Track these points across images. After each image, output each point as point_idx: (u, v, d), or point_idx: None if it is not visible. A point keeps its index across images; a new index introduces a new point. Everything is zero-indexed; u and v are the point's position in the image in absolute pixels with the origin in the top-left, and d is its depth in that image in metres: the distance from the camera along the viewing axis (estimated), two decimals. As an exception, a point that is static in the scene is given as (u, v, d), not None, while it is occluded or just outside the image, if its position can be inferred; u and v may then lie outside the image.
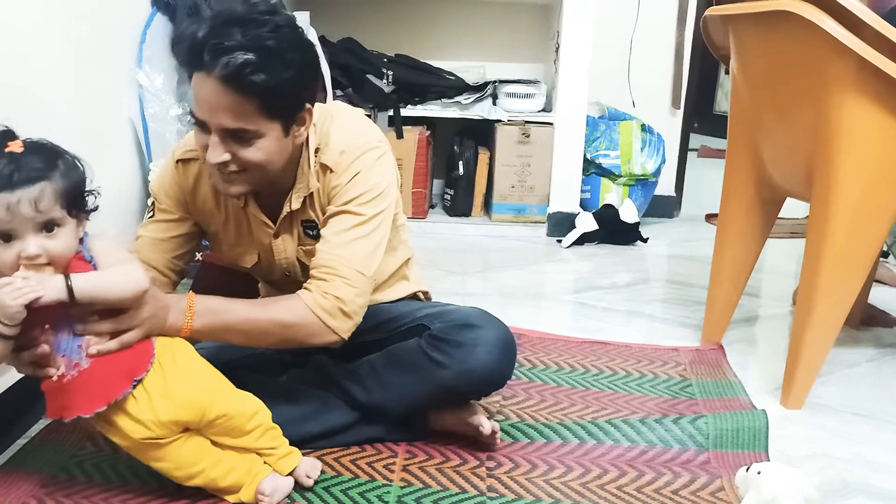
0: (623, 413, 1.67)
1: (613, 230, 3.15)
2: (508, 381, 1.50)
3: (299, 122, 1.30)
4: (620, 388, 1.82)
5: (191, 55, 1.22)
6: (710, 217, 3.58)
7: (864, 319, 2.29)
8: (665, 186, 3.57)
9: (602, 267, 2.89)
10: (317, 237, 1.38)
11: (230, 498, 1.26)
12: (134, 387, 1.14)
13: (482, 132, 3.35)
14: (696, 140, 4.51)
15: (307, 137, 1.35)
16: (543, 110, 3.33)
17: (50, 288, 1.05)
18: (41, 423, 1.51)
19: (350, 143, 1.36)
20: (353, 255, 1.31)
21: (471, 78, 3.36)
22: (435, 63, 3.37)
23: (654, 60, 3.49)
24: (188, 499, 1.28)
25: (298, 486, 1.32)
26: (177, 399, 1.17)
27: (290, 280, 1.47)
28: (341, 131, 1.37)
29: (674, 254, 3.15)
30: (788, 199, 2.00)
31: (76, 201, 1.11)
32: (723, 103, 6.09)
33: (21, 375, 1.47)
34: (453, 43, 3.52)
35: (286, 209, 1.39)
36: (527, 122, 3.25)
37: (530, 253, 3.02)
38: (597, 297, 2.51)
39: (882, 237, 1.70)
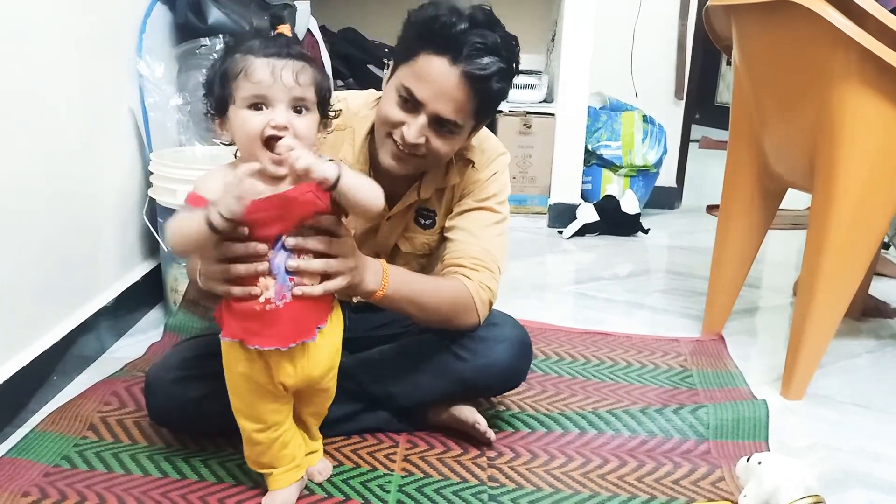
0: (624, 403, 1.68)
1: (614, 221, 3.14)
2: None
3: (478, 130, 1.38)
4: (621, 378, 1.82)
5: (443, 41, 1.23)
6: (711, 208, 3.58)
7: (865, 311, 2.29)
8: (666, 178, 3.57)
9: (603, 258, 2.89)
10: (428, 226, 1.45)
11: (260, 469, 1.24)
12: (316, 336, 1.14)
13: (483, 123, 3.34)
14: (697, 131, 4.50)
15: None
16: (545, 101, 3.33)
17: (325, 165, 1.05)
18: (43, 413, 1.52)
19: (487, 145, 1.45)
20: (497, 250, 1.41)
21: (472, 68, 3.34)
22: (436, 53, 3.36)
23: (656, 51, 3.48)
24: (186, 488, 1.29)
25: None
26: (318, 359, 1.17)
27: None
28: (477, 135, 1.43)
29: (675, 245, 3.15)
30: (790, 190, 2.00)
31: (325, 99, 1.14)
32: (724, 94, 6.08)
33: (22, 365, 1.48)
34: (454, 33, 3.50)
35: (414, 196, 1.42)
36: (528, 112, 3.25)
37: (531, 244, 3.02)
38: (598, 288, 2.52)
39: (883, 228, 1.70)
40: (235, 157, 1.17)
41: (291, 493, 1.25)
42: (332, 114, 1.17)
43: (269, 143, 1.07)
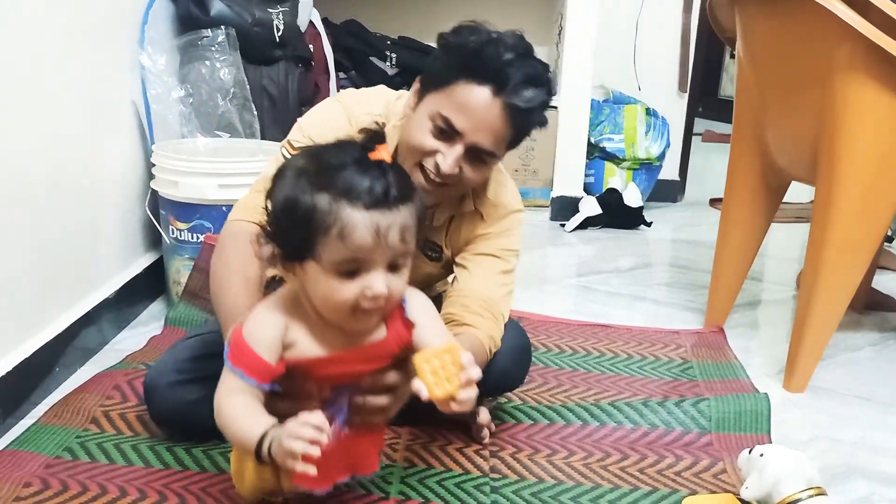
0: (625, 395, 1.68)
1: (617, 214, 3.14)
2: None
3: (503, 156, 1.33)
4: (622, 370, 1.82)
5: (487, 71, 1.18)
6: (713, 202, 3.57)
7: (868, 304, 2.28)
8: (669, 171, 3.56)
9: (606, 251, 2.89)
10: (434, 259, 1.41)
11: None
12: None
13: (486, 116, 3.33)
14: (700, 125, 4.48)
15: None
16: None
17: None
18: (45, 405, 1.52)
19: (503, 201, 1.41)
20: (503, 299, 1.38)
21: (474, 61, 3.33)
22: (438, 46, 3.35)
23: (659, 44, 3.46)
24: (188, 479, 1.29)
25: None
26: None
27: None
28: (494, 185, 1.41)
29: (677, 238, 3.14)
30: (793, 183, 2.00)
31: (420, 232, 0.95)
32: (728, 87, 6.07)
33: (24, 357, 1.48)
34: (457, 26, 3.50)
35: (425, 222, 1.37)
36: (530, 105, 3.23)
37: (534, 237, 3.01)
38: (600, 281, 2.51)
39: (887, 222, 1.69)
40: (275, 279, 1.05)
41: None
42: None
43: (358, 311, 0.91)
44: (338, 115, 1.33)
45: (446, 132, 1.21)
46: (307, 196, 0.87)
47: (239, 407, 0.92)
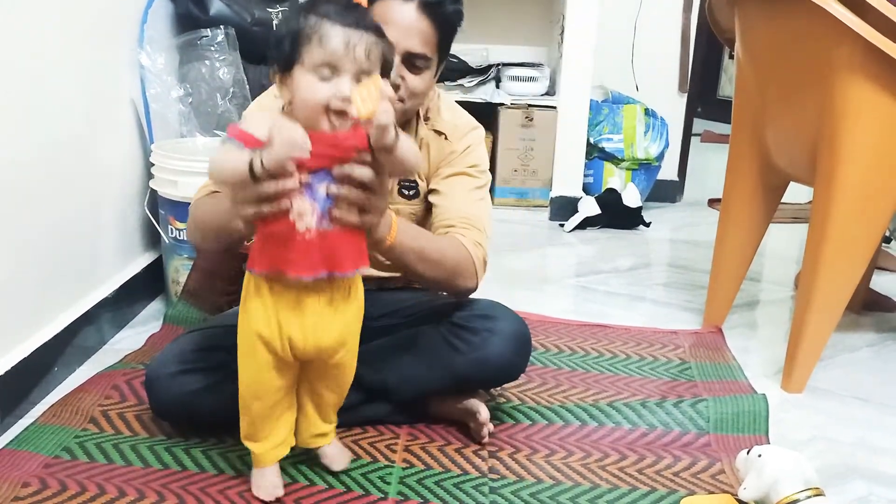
0: (623, 395, 1.68)
1: (616, 214, 3.14)
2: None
3: (440, 68, 1.42)
4: (621, 370, 1.82)
5: None
6: (712, 202, 3.57)
7: (866, 304, 2.29)
8: (668, 171, 3.56)
9: (605, 251, 2.89)
10: (413, 196, 1.48)
11: (246, 440, 1.24)
12: (354, 274, 1.16)
13: (485, 115, 3.31)
14: (699, 125, 4.48)
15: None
16: (547, 94, 3.32)
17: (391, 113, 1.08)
18: (44, 405, 1.52)
19: (461, 120, 1.51)
20: (482, 213, 1.45)
21: (474, 61, 3.34)
22: (438, 45, 3.35)
23: (658, 44, 3.46)
24: (186, 479, 1.29)
25: (307, 466, 1.33)
26: (330, 327, 1.17)
27: None
28: (448, 107, 1.52)
29: (676, 238, 3.14)
30: (791, 184, 2.00)
31: (387, 72, 1.14)
32: (727, 88, 6.06)
33: (23, 356, 1.48)
34: (456, 25, 3.49)
35: None
36: (530, 105, 3.24)
37: (533, 237, 3.02)
38: (599, 281, 2.51)
39: (884, 222, 1.69)
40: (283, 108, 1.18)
41: (278, 479, 1.25)
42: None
43: (329, 112, 1.09)
44: (271, 99, 1.42)
45: None
46: (301, 18, 1.10)
47: (232, 154, 1.07)
